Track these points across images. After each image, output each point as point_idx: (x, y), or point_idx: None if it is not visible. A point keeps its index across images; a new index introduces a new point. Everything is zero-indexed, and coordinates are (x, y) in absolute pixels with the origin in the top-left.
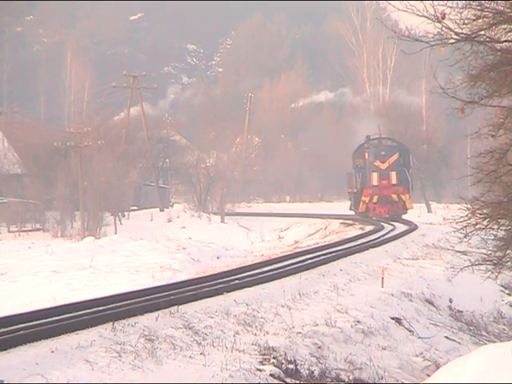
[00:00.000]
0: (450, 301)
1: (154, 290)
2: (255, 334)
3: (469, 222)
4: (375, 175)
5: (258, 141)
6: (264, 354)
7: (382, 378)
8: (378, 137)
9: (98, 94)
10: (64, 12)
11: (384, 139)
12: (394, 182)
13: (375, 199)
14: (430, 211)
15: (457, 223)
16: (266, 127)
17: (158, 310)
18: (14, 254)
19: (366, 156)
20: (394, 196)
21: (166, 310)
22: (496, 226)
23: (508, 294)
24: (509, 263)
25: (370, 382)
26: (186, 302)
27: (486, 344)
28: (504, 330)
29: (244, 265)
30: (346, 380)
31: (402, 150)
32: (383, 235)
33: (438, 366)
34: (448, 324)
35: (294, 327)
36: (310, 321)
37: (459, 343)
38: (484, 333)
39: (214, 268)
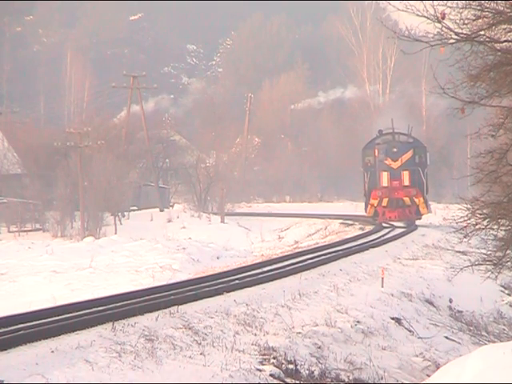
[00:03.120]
0: (450, 301)
1: (153, 290)
2: (255, 334)
3: (469, 222)
4: (385, 175)
5: (257, 141)
6: (264, 354)
7: (381, 378)
8: (390, 131)
9: (98, 94)
10: (64, 12)
11: (397, 134)
12: (406, 183)
13: (385, 202)
14: (429, 211)
15: (457, 223)
16: (266, 127)
17: (157, 310)
18: (13, 254)
19: (376, 153)
20: (407, 199)
21: (166, 310)
22: (496, 226)
23: (508, 294)
24: (509, 263)
25: (369, 382)
26: (185, 302)
27: (485, 344)
28: (504, 330)
29: (244, 265)
30: (346, 380)
31: (418, 147)
32: (383, 235)
33: (437, 366)
34: (448, 324)
35: (293, 327)
36: (309, 321)
37: (459, 343)
38: (484, 333)
39: (213, 268)
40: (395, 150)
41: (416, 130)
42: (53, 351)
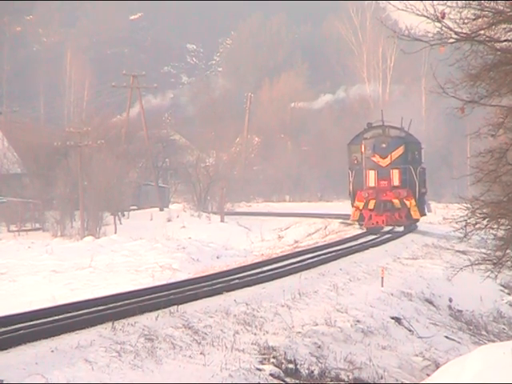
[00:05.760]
0: (450, 300)
1: (153, 289)
2: (255, 334)
3: (468, 221)
4: (372, 174)
5: (257, 140)
6: (264, 354)
7: (381, 378)
8: (380, 124)
9: (98, 94)
10: (64, 12)
11: (388, 128)
12: (395, 183)
13: (371, 205)
14: (429, 210)
15: (456, 223)
16: (266, 127)
17: (157, 309)
18: (13, 253)
19: (363, 149)
20: (396, 201)
21: (166, 310)
22: (496, 226)
23: (508, 294)
24: (508, 263)
25: (369, 381)
26: (185, 302)
27: (485, 343)
28: (504, 329)
29: (244, 264)
30: (346, 379)
31: (410, 142)
32: (383, 235)
33: (437, 366)
34: (448, 323)
35: (293, 327)
36: (309, 320)
37: (459, 343)
38: (484, 332)
39: (213, 267)
40: (384, 145)
41: (416, 128)
42: (53, 351)
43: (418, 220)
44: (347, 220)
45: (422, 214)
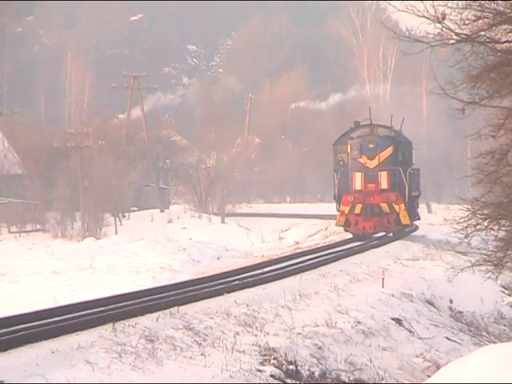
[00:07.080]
0: (451, 301)
1: (154, 290)
2: (255, 335)
3: (469, 222)
4: (359, 176)
5: (258, 141)
6: (264, 355)
7: (382, 379)
8: (368, 123)
9: (99, 95)
10: (64, 12)
11: (376, 126)
12: (384, 186)
13: (358, 209)
14: (430, 212)
15: (457, 224)
16: (267, 128)
17: (158, 310)
18: (14, 254)
19: (349, 149)
20: (384, 206)
21: (167, 311)
22: (496, 227)
23: (508, 295)
24: (509, 264)
25: (370, 382)
26: (186, 303)
27: (486, 345)
28: (504, 330)
29: (244, 265)
30: (347, 381)
31: (400, 142)
32: (383, 236)
33: (438, 367)
34: (448, 325)
35: (294, 328)
36: (310, 321)
37: (460, 344)
38: (484, 333)
39: (214, 269)
40: (372, 145)
41: (417, 129)
42: (53, 352)
43: (408, 226)
44: None
45: (414, 218)
